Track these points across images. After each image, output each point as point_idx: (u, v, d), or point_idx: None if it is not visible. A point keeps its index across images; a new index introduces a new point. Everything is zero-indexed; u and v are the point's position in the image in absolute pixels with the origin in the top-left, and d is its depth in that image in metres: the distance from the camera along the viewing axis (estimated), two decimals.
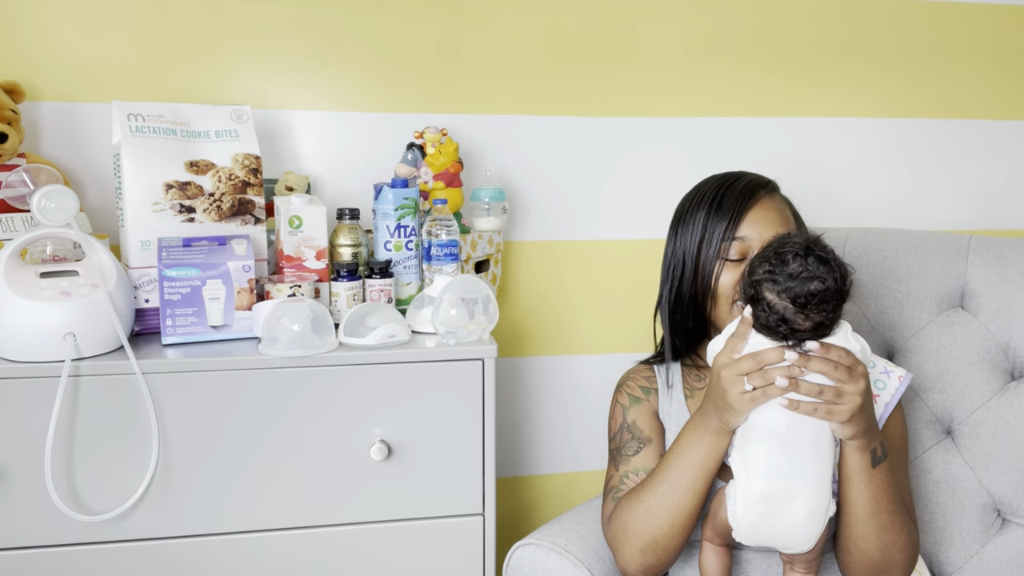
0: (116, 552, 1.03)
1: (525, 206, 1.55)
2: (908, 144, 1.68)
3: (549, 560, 1.08)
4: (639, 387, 1.12)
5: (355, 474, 1.08)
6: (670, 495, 0.95)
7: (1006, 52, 1.68)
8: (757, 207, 1.03)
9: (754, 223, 1.02)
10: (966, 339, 1.22)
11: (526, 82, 1.51)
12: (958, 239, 1.29)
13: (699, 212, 1.05)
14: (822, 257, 0.86)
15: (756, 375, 0.87)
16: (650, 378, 1.13)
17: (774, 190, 1.08)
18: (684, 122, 1.59)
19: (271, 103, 1.42)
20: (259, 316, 1.07)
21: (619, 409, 1.12)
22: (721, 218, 1.02)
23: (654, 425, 1.08)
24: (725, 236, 1.02)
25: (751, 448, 0.90)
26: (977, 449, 1.19)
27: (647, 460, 1.04)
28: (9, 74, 1.30)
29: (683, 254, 1.06)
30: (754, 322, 0.89)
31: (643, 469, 1.03)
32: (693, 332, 1.11)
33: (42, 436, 0.97)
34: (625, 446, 1.07)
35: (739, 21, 1.57)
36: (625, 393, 1.12)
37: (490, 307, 1.12)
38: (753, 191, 1.04)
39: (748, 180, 1.06)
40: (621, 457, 1.06)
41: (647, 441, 1.06)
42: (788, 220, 1.05)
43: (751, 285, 0.89)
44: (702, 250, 1.04)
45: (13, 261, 1.00)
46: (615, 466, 1.07)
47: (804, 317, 0.85)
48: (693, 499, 0.94)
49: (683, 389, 1.10)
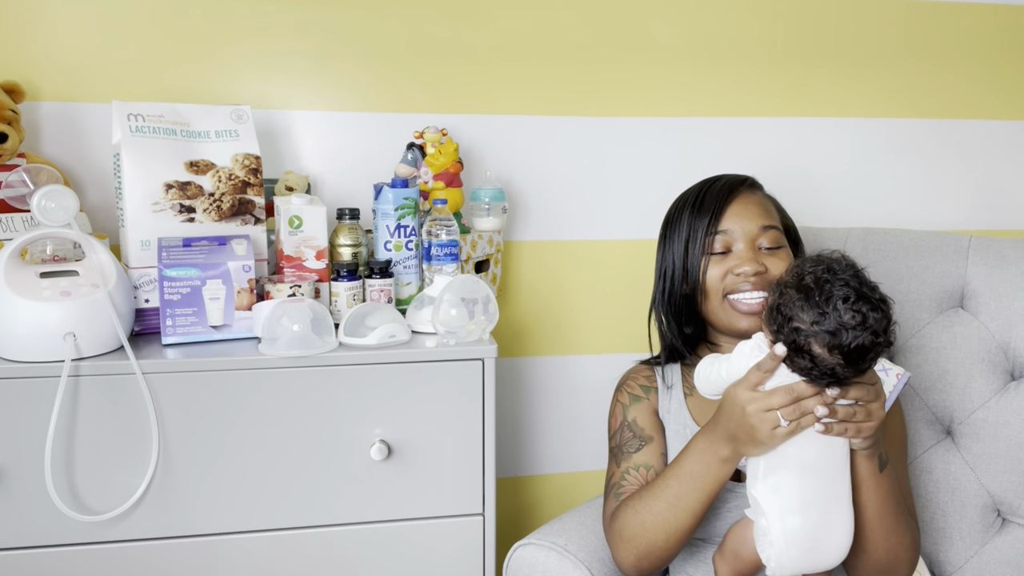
0: (116, 552, 1.03)
1: (525, 206, 1.55)
2: (908, 144, 1.68)
3: (549, 560, 1.08)
4: (639, 386, 1.14)
5: (355, 474, 1.08)
6: (667, 514, 0.95)
7: (1006, 52, 1.68)
8: (737, 201, 1.07)
9: (735, 216, 1.06)
10: (966, 339, 1.22)
11: (526, 82, 1.51)
12: (958, 239, 1.29)
13: (684, 214, 1.10)
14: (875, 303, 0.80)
15: (790, 409, 0.85)
16: (650, 377, 1.15)
17: (753, 185, 1.12)
18: (684, 122, 1.59)
19: (271, 103, 1.42)
20: (259, 316, 1.07)
21: (619, 407, 1.13)
22: (703, 215, 1.07)
23: (654, 423, 1.10)
24: (708, 231, 1.05)
25: (781, 479, 0.87)
26: (977, 449, 1.19)
27: (648, 457, 1.05)
28: (9, 74, 1.30)
29: (672, 256, 1.10)
30: (791, 367, 0.85)
31: (644, 466, 1.05)
32: (692, 334, 1.14)
33: (42, 436, 0.97)
34: (626, 443, 1.08)
35: (739, 21, 1.57)
36: (625, 392, 1.14)
37: (490, 307, 1.12)
38: (732, 187, 1.09)
39: (727, 179, 1.11)
40: (622, 454, 1.08)
41: (648, 439, 1.07)
42: (770, 213, 1.09)
43: (793, 332, 0.82)
44: (688, 249, 1.07)
45: (13, 261, 1.00)
46: (616, 463, 1.08)
47: (854, 370, 0.82)
48: (691, 520, 0.95)
49: (682, 388, 1.12)
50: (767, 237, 1.06)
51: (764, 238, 1.06)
